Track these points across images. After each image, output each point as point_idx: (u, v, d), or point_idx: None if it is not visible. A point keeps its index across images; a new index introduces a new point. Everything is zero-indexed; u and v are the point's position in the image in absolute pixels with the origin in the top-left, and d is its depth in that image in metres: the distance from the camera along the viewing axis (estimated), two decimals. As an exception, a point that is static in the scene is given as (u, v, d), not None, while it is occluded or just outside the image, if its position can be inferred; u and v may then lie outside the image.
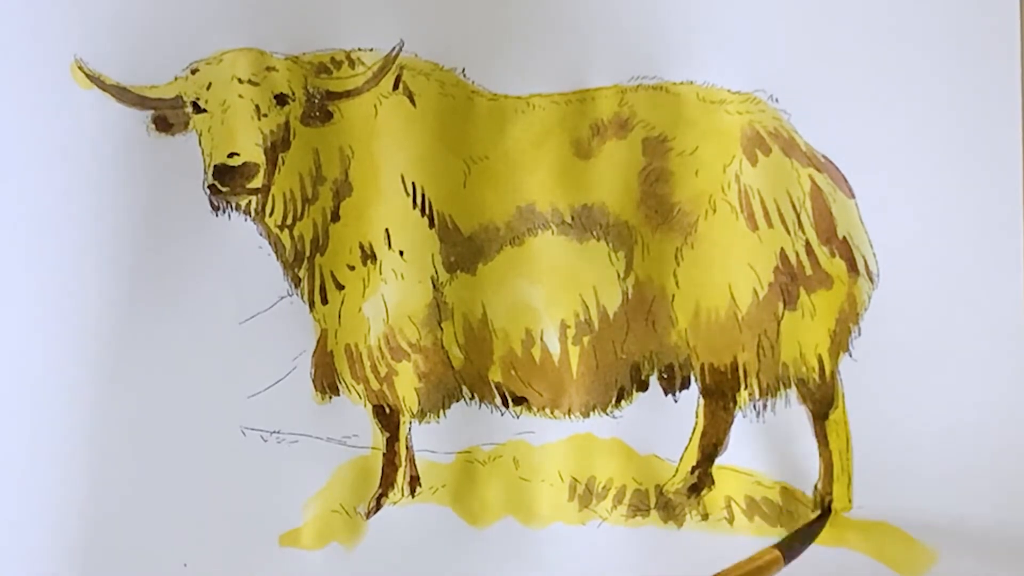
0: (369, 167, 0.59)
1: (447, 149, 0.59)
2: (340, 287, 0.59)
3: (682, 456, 0.59)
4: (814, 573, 0.57)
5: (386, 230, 0.59)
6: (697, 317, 0.58)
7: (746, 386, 0.58)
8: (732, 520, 0.59)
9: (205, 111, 0.57)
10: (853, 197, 0.57)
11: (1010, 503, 0.56)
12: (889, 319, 0.57)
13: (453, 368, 0.60)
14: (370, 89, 0.58)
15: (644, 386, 0.59)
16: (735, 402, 0.58)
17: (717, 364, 0.58)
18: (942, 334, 0.57)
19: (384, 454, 0.60)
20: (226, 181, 0.57)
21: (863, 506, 0.57)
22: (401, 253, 0.59)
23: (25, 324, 0.59)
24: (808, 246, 0.57)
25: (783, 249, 0.57)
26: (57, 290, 0.59)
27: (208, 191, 0.58)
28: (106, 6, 0.58)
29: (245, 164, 0.57)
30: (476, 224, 0.59)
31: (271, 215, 0.59)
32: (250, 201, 0.58)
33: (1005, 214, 0.56)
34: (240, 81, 0.57)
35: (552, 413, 0.59)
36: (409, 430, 0.60)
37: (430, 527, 0.60)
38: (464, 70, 0.58)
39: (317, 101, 0.58)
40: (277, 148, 0.58)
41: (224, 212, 0.59)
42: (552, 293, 0.58)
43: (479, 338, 0.59)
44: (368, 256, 0.59)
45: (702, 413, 0.59)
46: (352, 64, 0.58)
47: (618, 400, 0.59)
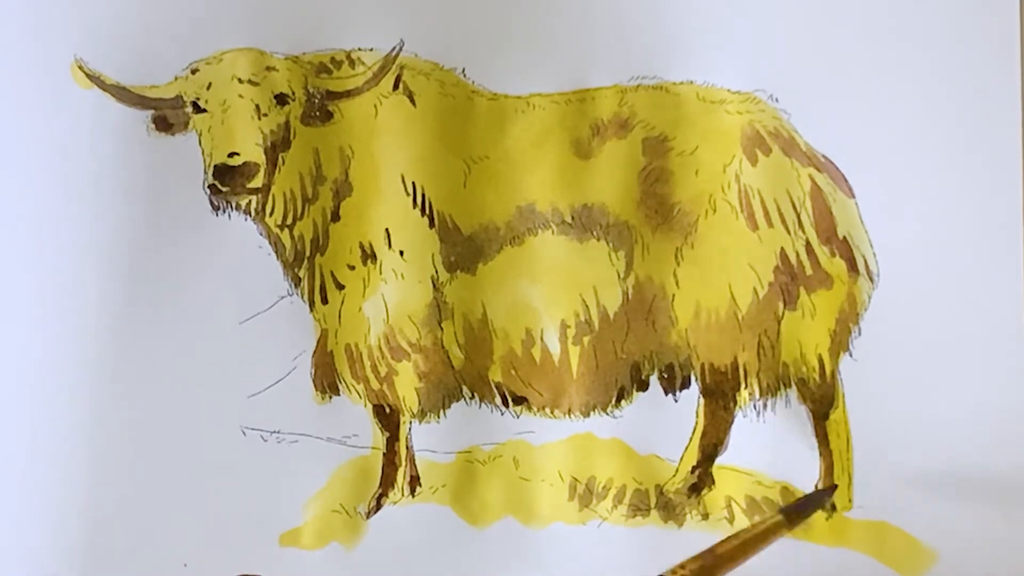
0: (369, 167, 0.59)
1: (447, 149, 0.59)
2: (340, 287, 0.59)
3: (682, 456, 0.59)
4: (814, 573, 0.57)
5: (386, 230, 0.59)
6: (697, 317, 0.58)
7: (746, 386, 0.58)
8: (732, 520, 0.59)
9: (205, 111, 0.57)
10: (853, 197, 0.57)
11: (1010, 503, 0.56)
12: (889, 319, 0.57)
13: (453, 368, 0.60)
14: (370, 89, 0.58)
15: (644, 386, 0.59)
16: (735, 402, 0.58)
17: (717, 364, 0.58)
18: (942, 334, 0.57)
19: (384, 454, 0.60)
20: (226, 181, 0.57)
21: (863, 506, 0.57)
22: (401, 253, 0.59)
23: (25, 324, 0.59)
24: (808, 246, 0.57)
25: (783, 249, 0.57)
26: (57, 290, 0.59)
27: (208, 191, 0.58)
28: (106, 6, 0.58)
29: (245, 164, 0.57)
30: (476, 224, 0.59)
31: (271, 215, 0.59)
32: (250, 201, 0.58)
33: (1005, 214, 0.56)
34: (240, 81, 0.57)
35: (552, 413, 0.59)
36: (409, 430, 0.60)
37: (430, 527, 0.60)
38: (464, 70, 0.58)
39: (317, 101, 0.58)
40: (277, 148, 0.58)
41: (224, 212, 0.59)
42: (552, 293, 0.58)
43: (479, 338, 0.59)
44: (368, 256, 0.59)
45: (702, 413, 0.59)
46: (352, 64, 0.58)
47: (618, 400, 0.59)
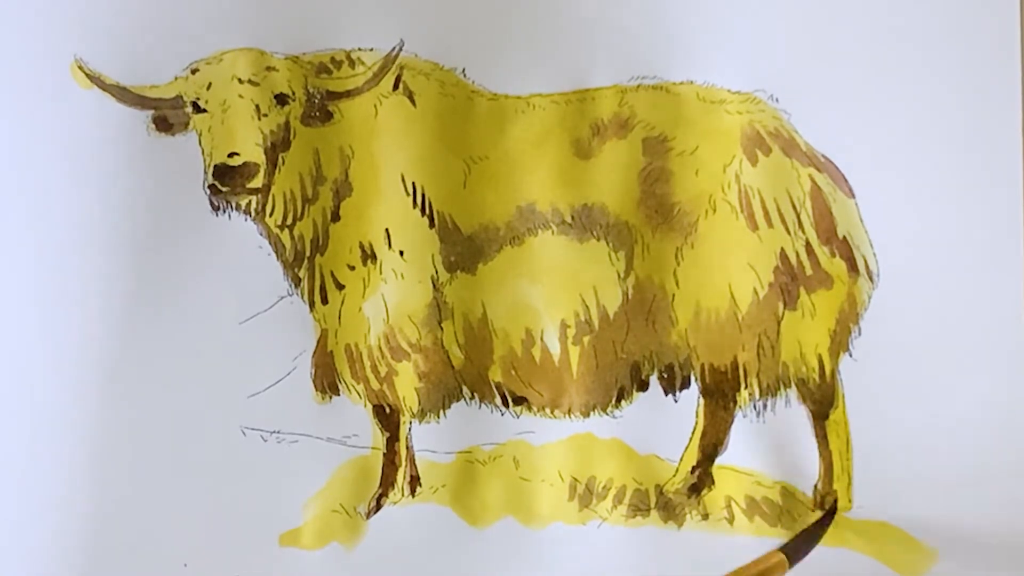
0: (369, 167, 0.59)
1: (447, 149, 0.59)
2: (340, 287, 0.59)
3: (682, 456, 0.59)
4: (814, 573, 0.57)
5: (386, 230, 0.59)
6: (697, 317, 0.58)
7: (746, 386, 0.58)
8: (732, 520, 0.59)
9: (205, 111, 0.57)
10: (853, 197, 0.57)
11: (1010, 503, 0.56)
12: (889, 319, 0.57)
13: (453, 368, 0.60)
14: (370, 89, 0.58)
15: (644, 386, 0.59)
16: (735, 402, 0.58)
17: (717, 364, 0.58)
18: (942, 334, 0.57)
19: (384, 454, 0.60)
20: (226, 181, 0.57)
21: (863, 506, 0.57)
22: (401, 253, 0.59)
23: (25, 324, 0.59)
24: (808, 246, 0.57)
25: (783, 249, 0.57)
26: (57, 290, 0.59)
27: (208, 191, 0.58)
28: (106, 6, 0.58)
29: (245, 164, 0.57)
30: (476, 224, 0.59)
31: (271, 215, 0.58)
32: (250, 201, 0.58)
33: (1005, 214, 0.56)
34: (240, 81, 0.57)
35: (552, 413, 0.59)
36: (409, 430, 0.60)
37: (430, 527, 0.60)
38: (464, 70, 0.58)
39: (317, 101, 0.58)
40: (277, 148, 0.58)
41: (224, 212, 0.59)
42: (552, 293, 0.58)
43: (479, 338, 0.59)
44: (368, 256, 0.59)
45: (702, 413, 0.59)
46: (352, 64, 0.58)
47: (618, 400, 0.59)
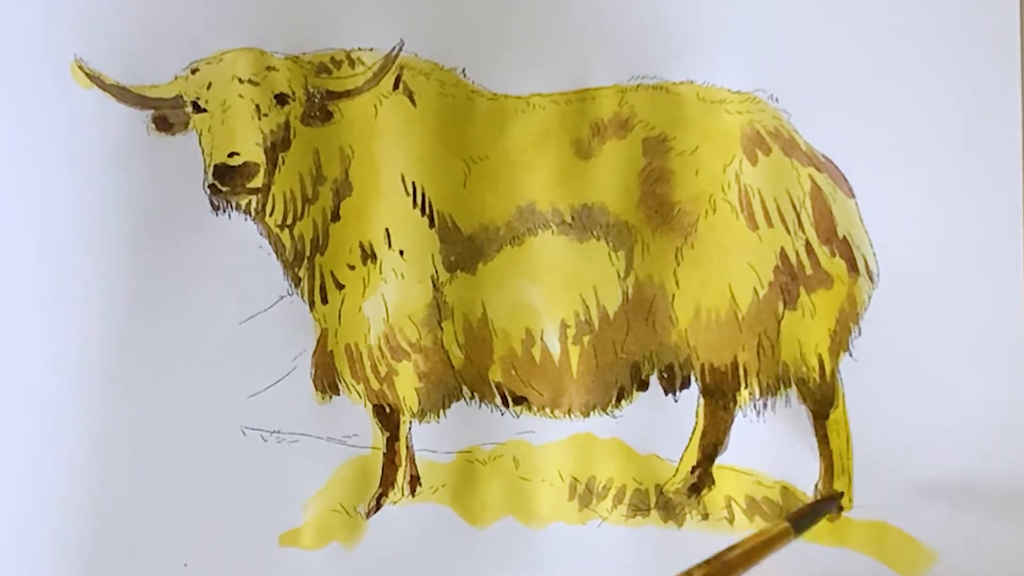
0: (369, 167, 0.59)
1: (447, 149, 0.59)
2: (340, 287, 0.59)
3: (682, 456, 0.59)
4: (814, 573, 0.57)
5: (386, 230, 0.59)
6: (697, 317, 0.58)
7: (746, 386, 0.58)
8: (732, 520, 0.59)
9: (205, 111, 0.57)
10: (853, 197, 0.57)
11: (1010, 503, 0.56)
12: (889, 319, 0.57)
13: (453, 368, 0.60)
14: (370, 89, 0.58)
15: (644, 386, 0.59)
16: (735, 402, 0.58)
17: (717, 364, 0.58)
18: (942, 334, 0.57)
19: (384, 454, 0.60)
20: (226, 181, 0.57)
21: (863, 506, 0.57)
22: (401, 253, 0.59)
23: (25, 323, 0.59)
24: (808, 246, 0.57)
25: (783, 249, 0.57)
26: (57, 290, 0.59)
27: (208, 191, 0.58)
28: (106, 6, 0.58)
29: (245, 164, 0.57)
30: (476, 224, 0.59)
31: (271, 215, 0.58)
32: (250, 201, 0.58)
33: (1005, 214, 0.56)
34: (240, 81, 0.57)
35: (552, 413, 0.59)
36: (409, 430, 0.60)
37: (430, 527, 0.60)
38: (464, 70, 0.58)
39: (317, 101, 0.58)
40: (277, 148, 0.58)
41: (224, 212, 0.59)
42: (552, 293, 0.58)
43: (479, 338, 0.59)
44: (368, 256, 0.59)
45: (702, 413, 0.59)
46: (352, 64, 0.58)
47: (618, 400, 0.59)
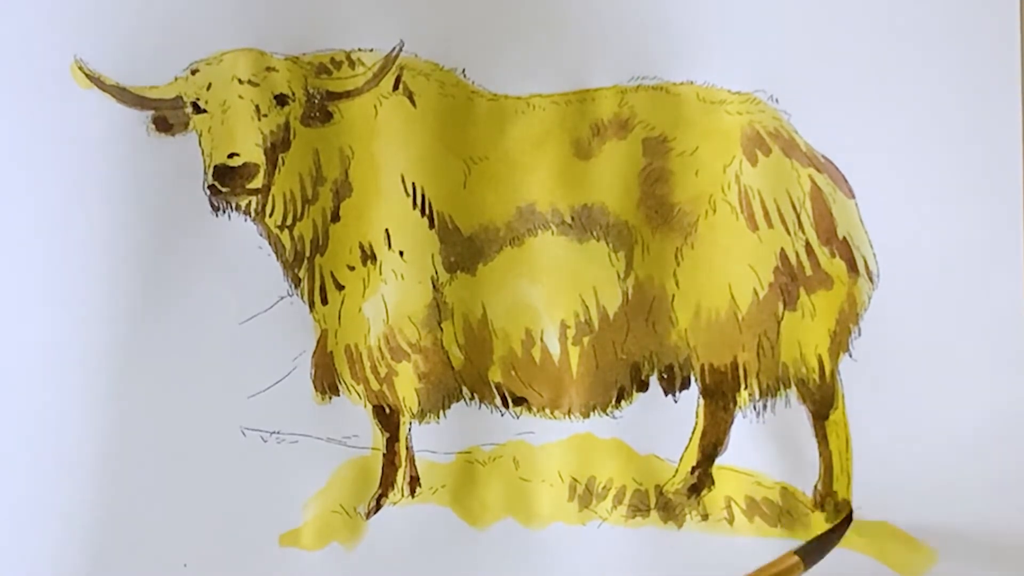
0: (369, 167, 0.59)
1: (447, 149, 0.58)
2: (340, 287, 0.59)
3: (682, 456, 0.59)
4: (814, 573, 0.57)
5: (386, 230, 0.59)
6: (697, 317, 0.58)
7: (746, 386, 0.58)
8: (732, 520, 0.59)
9: (205, 111, 0.57)
10: (853, 197, 0.57)
11: (1010, 503, 0.56)
12: (889, 319, 0.57)
13: (453, 368, 0.60)
14: (370, 89, 0.58)
15: (644, 386, 0.59)
16: (735, 402, 0.58)
17: (717, 364, 0.58)
18: (942, 334, 0.56)
19: (384, 454, 0.60)
20: (226, 181, 0.57)
21: (863, 506, 0.57)
22: (401, 253, 0.59)
23: (25, 324, 0.59)
24: (808, 246, 0.57)
25: (783, 249, 0.57)
26: (57, 290, 0.59)
27: (208, 191, 0.58)
28: (106, 6, 0.58)
29: (245, 164, 0.57)
30: (476, 224, 0.59)
31: (271, 215, 0.58)
32: (250, 201, 0.58)
33: (1005, 214, 0.56)
34: (240, 81, 0.57)
35: (552, 413, 0.59)
36: (409, 430, 0.60)
37: (430, 527, 0.60)
38: (464, 70, 0.58)
39: (317, 101, 0.58)
40: (277, 148, 0.58)
41: (224, 212, 0.59)
42: (552, 293, 0.58)
43: (479, 338, 0.59)
44: (368, 256, 0.59)
45: (702, 413, 0.59)
46: (352, 64, 0.58)
47: (618, 400, 0.59)
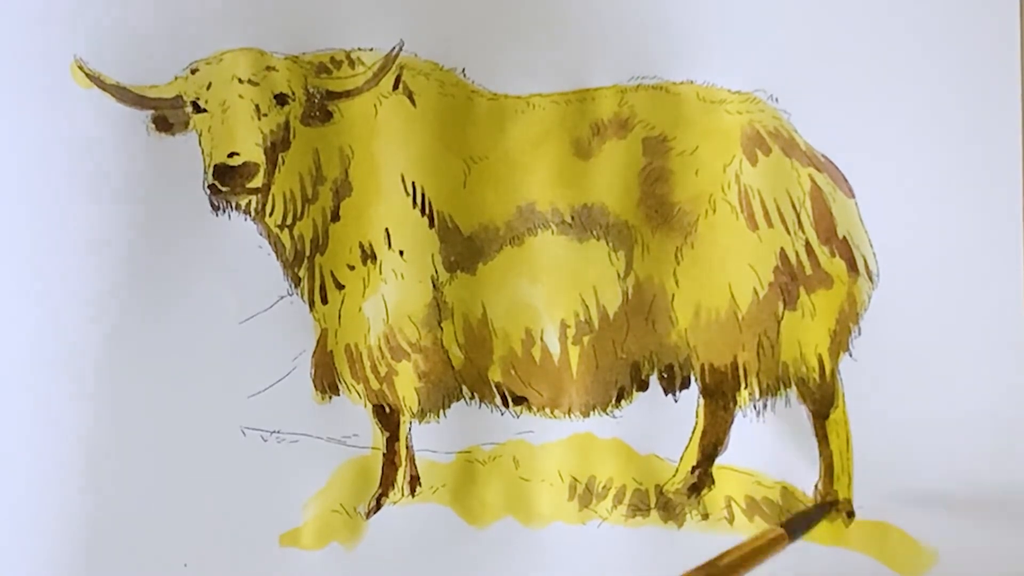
0: (369, 167, 0.59)
1: (447, 149, 0.59)
2: (340, 287, 0.59)
3: (682, 456, 0.59)
4: (814, 573, 0.57)
5: (386, 230, 0.59)
6: (697, 317, 0.58)
7: (746, 386, 0.58)
8: (732, 520, 0.59)
9: (205, 111, 0.57)
10: (853, 197, 0.57)
11: (1010, 503, 0.56)
12: (889, 319, 0.57)
13: (453, 368, 0.60)
14: (370, 89, 0.58)
15: (644, 386, 0.59)
16: (735, 402, 0.58)
17: (717, 364, 0.58)
18: (942, 334, 0.56)
19: (384, 454, 0.60)
20: (226, 181, 0.57)
21: (863, 506, 0.57)
22: (401, 253, 0.59)
23: (25, 324, 0.59)
24: (808, 246, 0.57)
25: (783, 249, 0.57)
26: (57, 290, 0.59)
27: (208, 191, 0.58)
28: (106, 6, 0.58)
29: (245, 164, 0.57)
30: (476, 224, 0.59)
31: (271, 215, 0.59)
32: (250, 201, 0.58)
33: (1005, 214, 0.56)
34: (240, 81, 0.57)
35: (552, 413, 0.59)
36: (409, 430, 0.60)
37: (430, 527, 0.60)
38: (464, 70, 0.58)
39: (317, 101, 0.58)
40: (277, 148, 0.58)
41: (224, 212, 0.59)
42: (552, 293, 0.58)
43: (479, 338, 0.59)
44: (368, 256, 0.59)
45: (702, 413, 0.59)
46: (352, 64, 0.58)
47: (618, 400, 0.59)
